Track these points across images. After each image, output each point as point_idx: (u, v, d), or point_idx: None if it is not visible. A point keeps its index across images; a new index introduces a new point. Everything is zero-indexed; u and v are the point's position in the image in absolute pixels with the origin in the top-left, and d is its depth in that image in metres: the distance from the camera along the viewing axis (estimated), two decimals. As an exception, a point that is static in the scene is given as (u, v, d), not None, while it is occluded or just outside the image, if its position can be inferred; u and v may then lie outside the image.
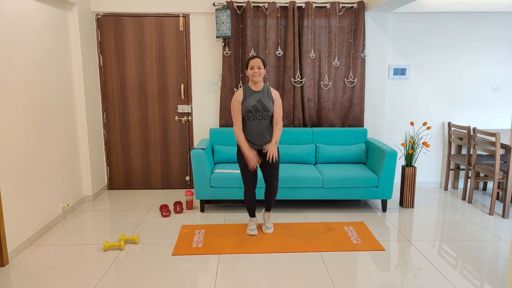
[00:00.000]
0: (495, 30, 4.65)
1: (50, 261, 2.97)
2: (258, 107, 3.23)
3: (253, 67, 3.19)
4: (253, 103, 3.23)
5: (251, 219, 3.54)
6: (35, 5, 3.38)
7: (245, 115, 3.25)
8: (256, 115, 3.23)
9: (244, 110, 3.25)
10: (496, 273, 2.79)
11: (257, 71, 3.19)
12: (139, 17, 4.48)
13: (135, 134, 4.72)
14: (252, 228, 3.48)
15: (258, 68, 3.19)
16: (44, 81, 3.50)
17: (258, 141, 3.30)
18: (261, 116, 3.24)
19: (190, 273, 2.79)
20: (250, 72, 3.23)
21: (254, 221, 3.54)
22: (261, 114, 3.24)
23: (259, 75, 3.21)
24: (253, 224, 3.51)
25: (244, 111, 3.24)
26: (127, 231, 3.56)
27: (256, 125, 3.25)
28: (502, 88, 4.79)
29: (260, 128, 3.26)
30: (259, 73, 3.20)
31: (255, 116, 3.24)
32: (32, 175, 3.31)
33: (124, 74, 4.59)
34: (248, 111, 3.23)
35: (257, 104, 3.23)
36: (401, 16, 4.60)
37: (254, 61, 3.20)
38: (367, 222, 3.77)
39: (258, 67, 3.19)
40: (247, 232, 3.48)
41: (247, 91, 3.27)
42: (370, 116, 4.71)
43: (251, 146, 3.32)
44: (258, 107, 3.23)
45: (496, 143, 3.82)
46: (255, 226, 3.51)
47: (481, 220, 3.82)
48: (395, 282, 2.68)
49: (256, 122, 3.24)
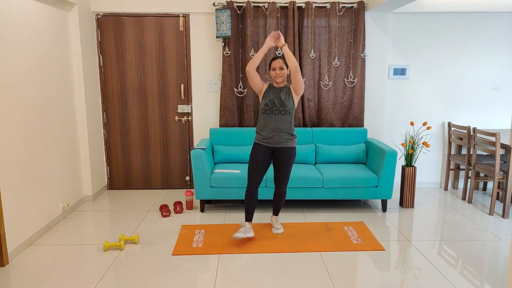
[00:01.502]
0: (495, 30, 4.65)
1: (50, 261, 2.97)
2: (276, 101, 3.21)
3: (275, 68, 3.19)
4: (271, 98, 3.23)
5: (244, 223, 3.28)
6: (35, 5, 3.38)
7: (263, 109, 3.25)
8: (272, 109, 3.21)
9: (262, 104, 3.26)
10: (496, 273, 2.79)
11: (279, 72, 3.19)
12: (139, 17, 4.48)
13: (135, 134, 4.72)
14: (240, 231, 3.19)
15: (281, 69, 3.18)
16: (44, 81, 3.50)
17: (273, 138, 3.23)
18: (277, 110, 3.21)
19: (190, 273, 2.79)
20: (272, 74, 3.22)
21: (246, 226, 3.25)
22: (277, 109, 3.21)
23: (281, 75, 3.21)
24: (244, 229, 3.22)
25: (262, 104, 3.25)
26: (127, 231, 3.56)
27: (272, 119, 3.22)
28: (502, 88, 4.79)
29: (275, 124, 3.21)
30: (281, 74, 3.20)
31: (272, 110, 3.21)
32: (32, 175, 3.31)
33: (124, 74, 4.59)
34: (265, 104, 3.23)
35: (275, 99, 3.22)
36: (401, 16, 4.60)
37: (276, 62, 3.18)
38: (367, 222, 3.77)
39: (280, 68, 3.18)
40: (234, 235, 3.16)
41: (270, 87, 3.29)
42: (370, 116, 4.71)
43: (264, 143, 3.26)
44: (276, 101, 3.21)
45: (496, 143, 3.82)
46: (243, 233, 3.18)
47: (481, 220, 3.82)
48: (395, 282, 2.68)
49: (272, 117, 3.22)
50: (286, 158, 3.28)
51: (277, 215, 3.59)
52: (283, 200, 3.49)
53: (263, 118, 3.25)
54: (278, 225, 3.52)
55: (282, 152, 3.28)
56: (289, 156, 3.29)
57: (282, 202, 3.50)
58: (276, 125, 3.22)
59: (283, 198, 3.47)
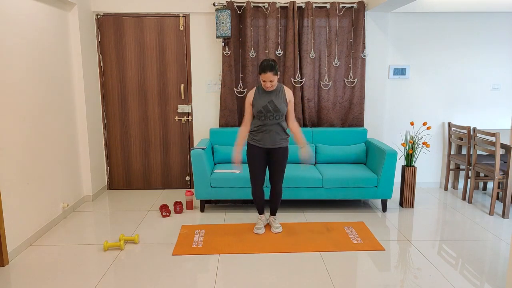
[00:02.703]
0: (495, 30, 4.65)
1: (50, 261, 2.97)
2: (269, 107, 3.20)
3: (265, 81, 3.15)
4: (264, 103, 3.20)
5: (259, 217, 3.57)
6: (35, 5, 3.38)
7: (256, 116, 3.25)
8: (267, 116, 3.21)
9: (255, 111, 3.24)
10: (496, 273, 2.79)
11: (270, 84, 3.16)
12: (139, 17, 4.48)
13: (135, 134, 4.72)
14: (259, 227, 3.48)
15: (271, 81, 3.15)
16: (44, 81, 3.50)
17: (268, 142, 3.29)
18: (272, 116, 3.21)
19: (190, 273, 2.79)
20: (263, 84, 3.20)
21: (262, 219, 3.55)
22: (272, 115, 3.21)
23: (271, 86, 3.18)
24: (261, 222, 3.52)
25: (255, 112, 3.24)
26: (127, 231, 3.56)
27: (266, 124, 3.23)
28: (502, 88, 4.78)
29: (271, 129, 3.25)
30: (271, 85, 3.17)
31: (266, 117, 3.22)
32: (32, 175, 3.31)
33: (124, 74, 4.59)
34: (259, 111, 3.21)
35: (268, 105, 3.20)
36: (401, 16, 4.60)
37: (266, 76, 3.11)
38: (367, 222, 3.77)
39: (270, 81, 3.14)
40: (254, 231, 3.48)
41: (259, 91, 3.26)
42: (370, 116, 4.71)
43: (260, 146, 3.30)
44: (269, 107, 3.20)
45: (496, 143, 3.82)
46: (263, 225, 3.52)
47: (481, 220, 3.82)
48: (395, 282, 2.68)
49: (266, 121, 3.23)
50: (280, 158, 3.35)
51: (274, 215, 3.62)
52: (280, 199, 3.53)
53: (258, 121, 3.27)
54: (276, 224, 3.54)
55: (276, 153, 3.33)
56: (283, 156, 3.35)
57: (279, 200, 3.53)
58: (272, 131, 3.26)
59: (280, 196, 3.50)
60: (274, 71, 3.11)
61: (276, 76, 3.15)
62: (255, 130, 3.31)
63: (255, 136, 3.32)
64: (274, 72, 3.11)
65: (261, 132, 3.27)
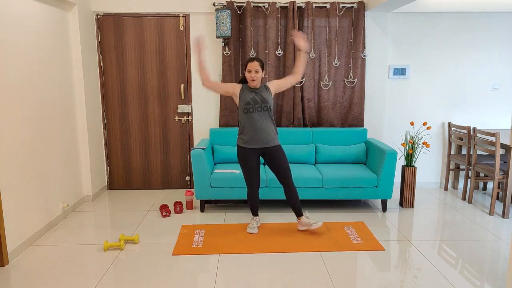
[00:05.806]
0: (495, 30, 4.65)
1: (50, 261, 2.97)
2: (257, 98, 3.22)
3: (251, 70, 3.17)
4: (252, 96, 3.23)
5: (253, 218, 3.57)
6: (35, 5, 3.38)
7: (244, 108, 3.22)
8: (255, 107, 3.21)
9: (242, 103, 3.22)
10: (496, 273, 2.79)
11: (254, 75, 3.17)
12: (139, 17, 4.48)
13: (135, 134, 4.72)
14: (252, 227, 3.48)
15: (256, 72, 3.16)
16: (44, 81, 3.50)
17: (260, 141, 3.26)
18: (260, 107, 3.22)
19: (190, 273, 2.79)
20: (247, 75, 3.21)
21: (256, 219, 3.56)
22: (260, 106, 3.21)
23: (255, 79, 3.18)
24: (255, 222, 3.53)
25: (243, 104, 3.22)
26: (127, 231, 3.56)
27: (256, 118, 3.22)
28: (502, 88, 4.79)
29: (261, 121, 3.23)
30: (255, 77, 3.18)
31: (254, 108, 3.21)
32: (32, 175, 3.31)
33: (124, 74, 4.59)
34: (247, 103, 3.21)
35: (255, 96, 3.22)
36: (401, 16, 4.60)
37: (252, 64, 3.16)
38: (367, 222, 3.77)
39: (255, 71, 3.16)
40: (247, 230, 3.48)
41: (244, 90, 3.27)
42: (370, 116, 4.71)
43: (251, 145, 3.28)
44: (257, 98, 3.22)
45: (496, 143, 3.82)
46: (256, 225, 3.52)
47: (481, 220, 3.82)
48: (395, 282, 2.68)
49: (255, 115, 3.21)
50: (279, 155, 3.32)
51: (302, 215, 3.46)
52: (297, 197, 3.40)
53: (246, 118, 3.24)
54: (312, 221, 3.39)
55: (272, 152, 3.31)
56: (280, 152, 3.33)
57: (297, 199, 3.40)
58: (261, 124, 3.23)
59: (296, 194, 3.39)
60: (261, 63, 3.19)
61: (261, 70, 3.19)
62: (243, 131, 3.29)
63: (244, 137, 3.29)
64: (261, 64, 3.19)
65: (251, 130, 3.23)
